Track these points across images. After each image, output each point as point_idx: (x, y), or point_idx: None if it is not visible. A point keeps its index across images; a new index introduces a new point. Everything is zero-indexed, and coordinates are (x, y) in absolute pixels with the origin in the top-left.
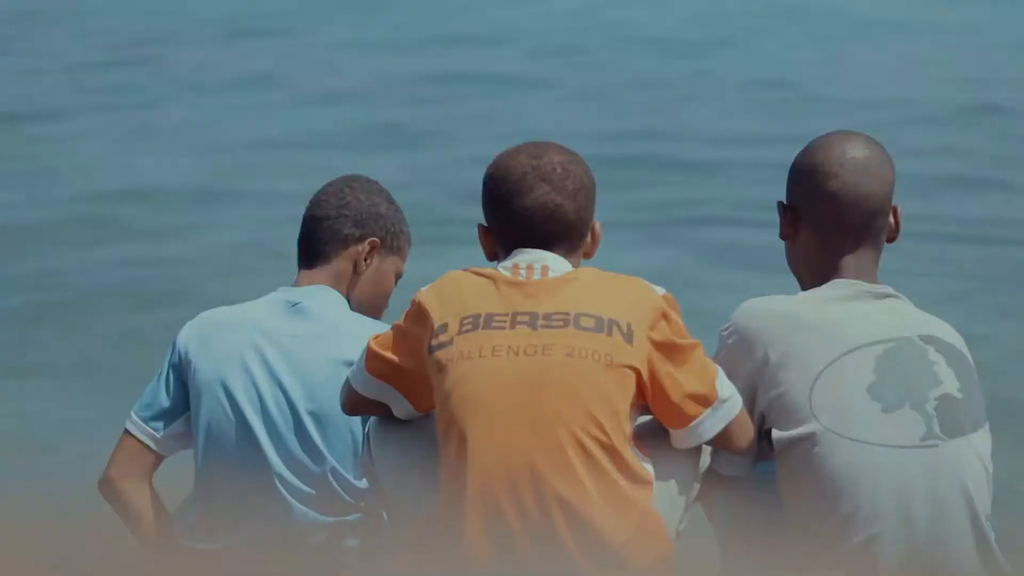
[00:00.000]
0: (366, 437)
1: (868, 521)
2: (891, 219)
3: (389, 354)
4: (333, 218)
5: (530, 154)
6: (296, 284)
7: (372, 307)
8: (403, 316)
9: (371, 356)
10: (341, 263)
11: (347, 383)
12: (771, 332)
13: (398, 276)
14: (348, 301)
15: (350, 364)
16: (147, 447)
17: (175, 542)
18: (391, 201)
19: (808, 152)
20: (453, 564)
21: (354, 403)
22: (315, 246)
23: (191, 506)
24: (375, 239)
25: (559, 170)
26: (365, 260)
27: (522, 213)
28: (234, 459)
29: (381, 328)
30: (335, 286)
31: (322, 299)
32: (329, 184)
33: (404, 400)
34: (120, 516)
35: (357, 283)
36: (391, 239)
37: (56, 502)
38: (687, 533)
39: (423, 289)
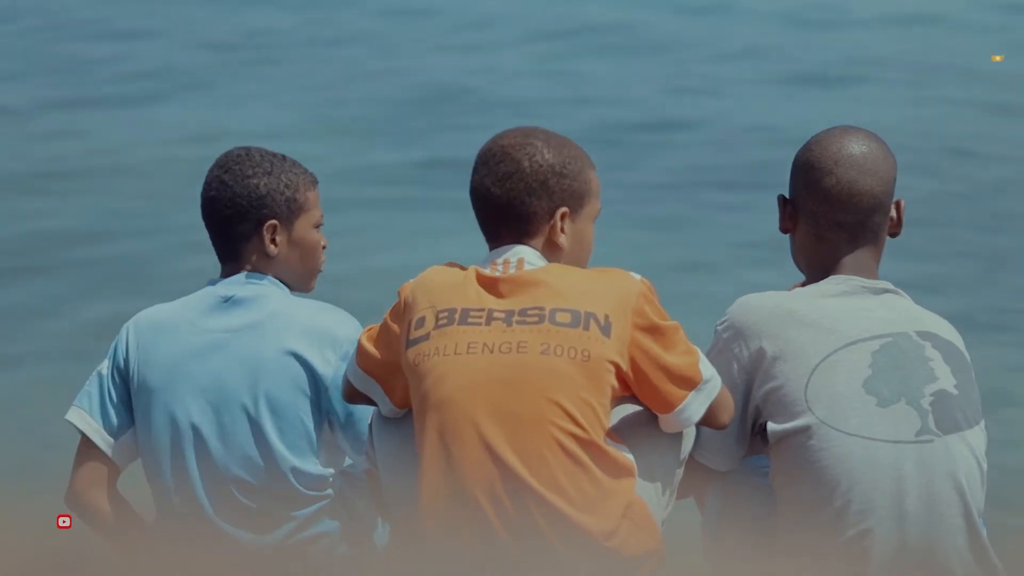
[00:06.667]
0: (369, 429)
1: (861, 515)
2: (893, 213)
3: (372, 347)
4: (224, 220)
5: (496, 137)
6: (223, 276)
7: (307, 274)
8: (389, 310)
9: (360, 349)
10: (253, 256)
11: (346, 373)
12: (767, 326)
13: (318, 225)
14: (280, 281)
15: (291, 352)
16: (106, 455)
17: (150, 546)
18: (269, 166)
19: (806, 147)
20: (432, 560)
21: (350, 393)
22: (224, 249)
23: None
24: (271, 221)
25: (498, 154)
26: (272, 243)
27: (470, 194)
28: (186, 467)
29: (318, 307)
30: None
31: (255, 288)
32: (206, 181)
33: (385, 397)
34: (93, 529)
35: (277, 263)
36: (286, 207)
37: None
38: (679, 526)
39: (407, 282)
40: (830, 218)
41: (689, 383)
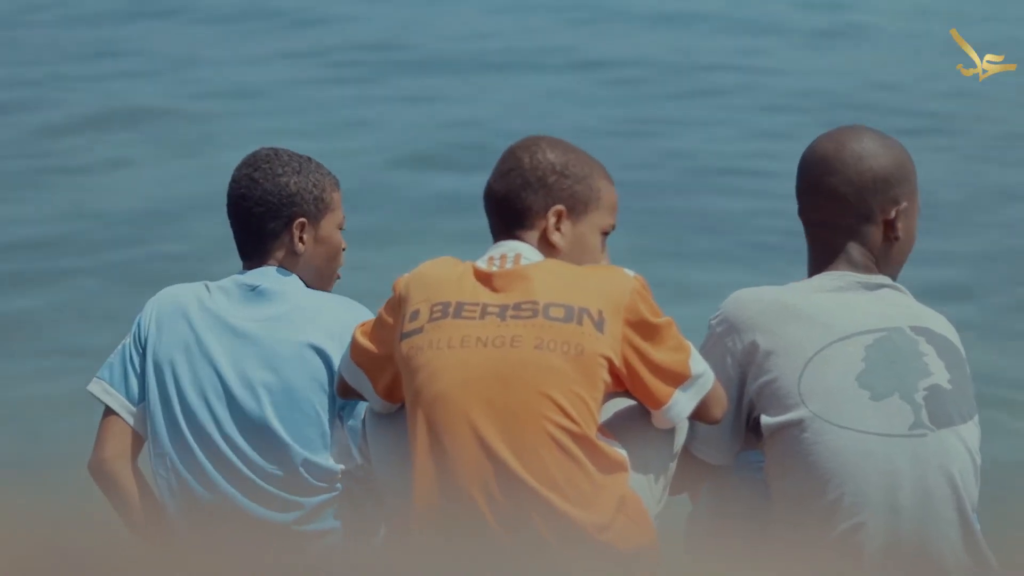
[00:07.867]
0: (362, 425)
1: (854, 509)
2: (892, 216)
3: (367, 341)
4: (253, 216)
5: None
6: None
7: (327, 275)
8: (384, 304)
9: (354, 343)
10: (279, 253)
11: (339, 368)
12: (760, 320)
13: (340, 227)
14: (301, 279)
15: (312, 346)
16: (130, 425)
17: (164, 527)
18: (298, 166)
19: (809, 145)
20: (426, 556)
21: (343, 388)
22: (251, 247)
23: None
24: (300, 220)
25: (505, 155)
26: (300, 241)
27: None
28: (197, 447)
29: (343, 304)
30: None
31: (280, 279)
32: (234, 179)
33: (372, 390)
34: (111, 499)
35: (302, 262)
36: (314, 206)
37: (51, 486)
38: (677, 522)
39: (402, 276)
40: (806, 216)
41: (677, 379)
